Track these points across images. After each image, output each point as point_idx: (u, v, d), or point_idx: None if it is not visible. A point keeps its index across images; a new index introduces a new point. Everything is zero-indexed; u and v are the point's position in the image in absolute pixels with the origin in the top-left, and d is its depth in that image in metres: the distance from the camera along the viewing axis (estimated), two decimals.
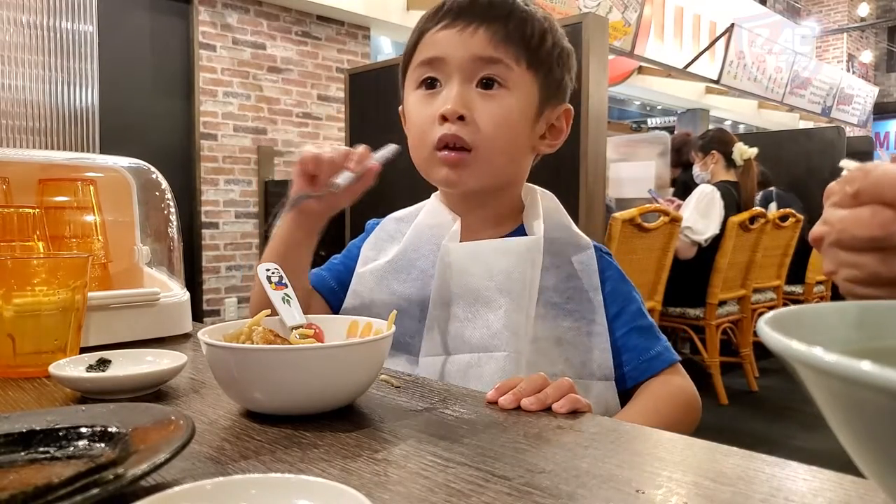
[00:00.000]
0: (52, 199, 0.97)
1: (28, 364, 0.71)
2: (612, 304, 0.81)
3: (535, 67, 0.78)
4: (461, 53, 0.75)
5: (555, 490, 0.40)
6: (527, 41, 0.77)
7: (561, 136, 0.85)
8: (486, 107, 0.75)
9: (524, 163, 0.83)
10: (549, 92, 0.80)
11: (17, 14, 3.70)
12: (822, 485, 0.41)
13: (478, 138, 0.75)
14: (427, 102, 0.78)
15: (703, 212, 3.16)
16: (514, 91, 0.76)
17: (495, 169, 0.78)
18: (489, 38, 0.75)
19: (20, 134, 3.72)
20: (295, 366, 0.53)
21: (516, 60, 0.76)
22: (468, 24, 0.75)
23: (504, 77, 0.76)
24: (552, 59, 0.79)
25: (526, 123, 0.79)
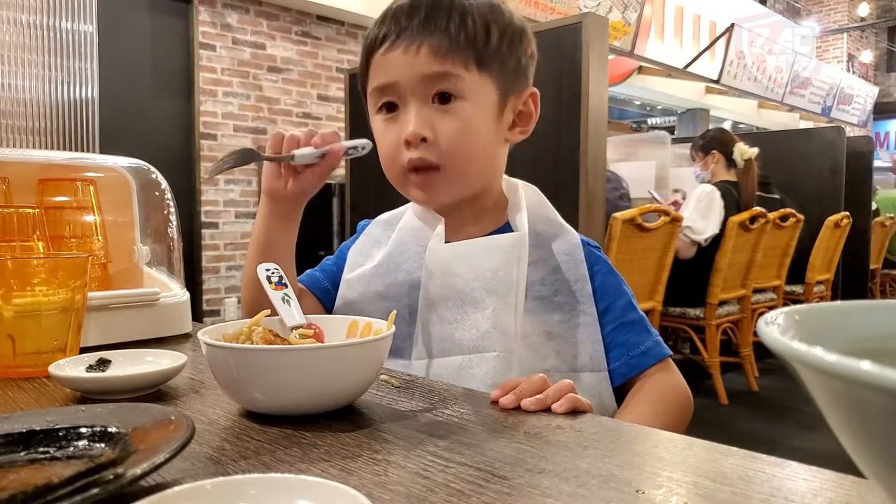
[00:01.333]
0: (52, 199, 0.97)
1: (28, 364, 0.71)
2: (601, 300, 0.80)
3: (487, 65, 0.76)
4: (410, 75, 0.74)
5: (555, 490, 0.40)
6: (472, 42, 0.75)
7: (531, 120, 0.83)
8: (445, 123, 0.75)
9: (497, 159, 0.83)
10: (507, 82, 0.79)
11: (17, 14, 3.70)
12: (822, 485, 0.41)
13: (443, 155, 0.75)
14: (389, 127, 0.78)
15: (703, 212, 3.16)
16: (471, 98, 0.76)
17: (467, 179, 0.79)
18: (433, 52, 0.74)
19: (20, 134, 3.72)
20: (295, 366, 0.53)
21: (465, 66, 0.75)
22: (411, 43, 0.74)
23: (457, 87, 0.75)
24: (503, 49, 0.77)
25: (490, 124, 0.78)
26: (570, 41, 2.07)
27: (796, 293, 4.12)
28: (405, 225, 0.85)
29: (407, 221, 0.85)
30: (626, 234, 2.64)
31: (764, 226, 3.35)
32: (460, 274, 0.77)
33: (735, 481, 0.41)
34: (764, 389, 3.47)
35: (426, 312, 0.78)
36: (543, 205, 0.86)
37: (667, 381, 0.78)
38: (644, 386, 0.77)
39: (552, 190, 0.90)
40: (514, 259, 0.77)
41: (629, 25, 6.06)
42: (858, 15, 11.77)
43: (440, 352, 0.76)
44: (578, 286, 0.80)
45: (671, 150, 4.54)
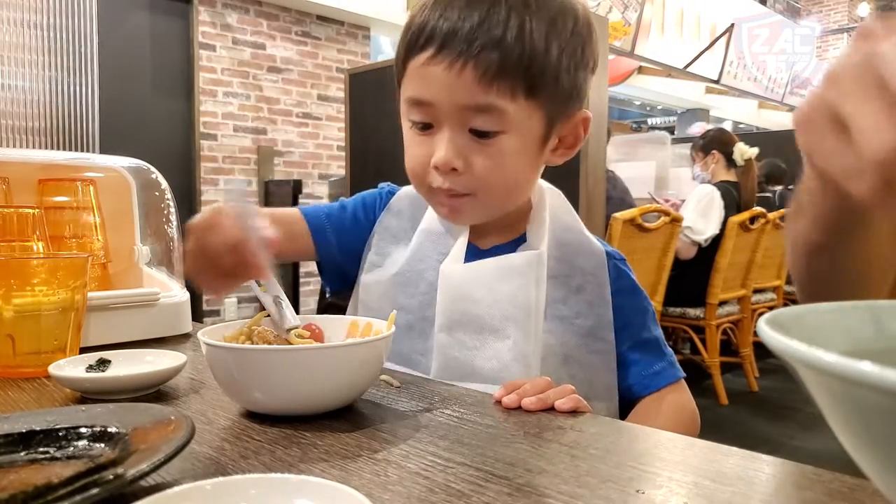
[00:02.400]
0: (52, 199, 0.97)
1: (28, 364, 0.71)
2: (619, 316, 0.77)
3: (537, 91, 0.67)
4: (449, 100, 0.67)
5: (555, 490, 0.40)
6: (524, 67, 0.65)
7: (577, 144, 0.76)
8: (480, 155, 0.68)
9: (534, 181, 0.78)
10: (559, 107, 0.71)
11: (17, 14, 3.70)
12: (821, 485, 0.41)
13: (475, 185, 0.70)
14: (420, 142, 0.71)
15: (703, 212, 3.16)
16: (513, 131, 0.68)
17: (500, 205, 0.74)
18: (478, 77, 0.65)
19: (20, 134, 3.72)
20: (295, 366, 0.53)
21: (512, 95, 0.66)
22: (455, 60, 0.65)
23: (499, 122, 0.67)
24: (560, 71, 0.68)
25: (530, 156, 0.72)
26: None
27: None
28: (426, 227, 0.80)
29: (428, 223, 0.80)
30: (627, 235, 2.64)
31: (764, 226, 3.35)
32: (478, 300, 0.73)
33: (735, 481, 0.41)
34: (764, 389, 3.47)
35: (444, 334, 0.74)
36: (568, 213, 0.81)
37: (676, 402, 0.76)
38: (651, 407, 0.75)
39: None
40: (531, 281, 0.73)
41: (629, 25, 6.06)
42: (858, 15, 11.76)
43: (460, 376, 0.72)
44: (601, 311, 0.76)
45: (671, 150, 4.54)
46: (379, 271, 0.81)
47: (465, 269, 0.75)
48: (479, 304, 0.73)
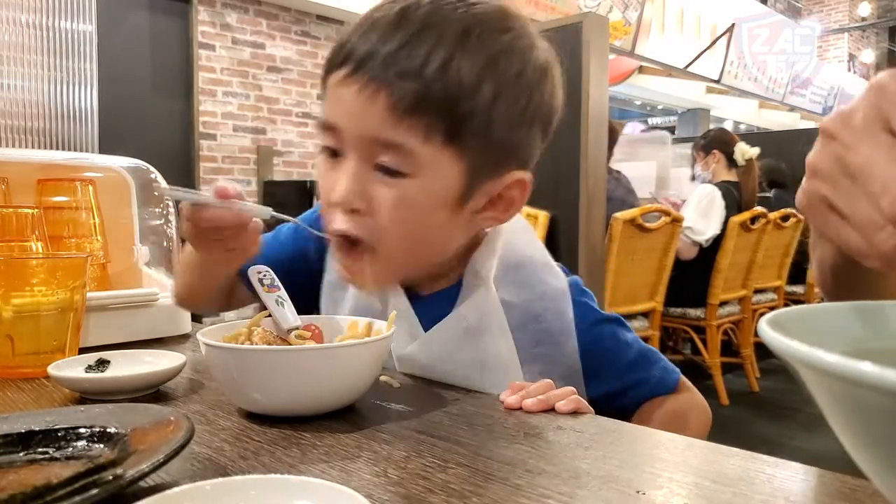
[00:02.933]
0: (51, 199, 0.97)
1: (27, 364, 0.71)
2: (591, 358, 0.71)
3: (459, 139, 0.58)
4: (356, 128, 0.59)
5: (555, 491, 0.40)
6: (447, 107, 0.57)
7: (511, 208, 0.66)
8: (383, 196, 0.59)
9: (455, 242, 0.67)
10: (486, 163, 0.61)
11: (17, 14, 3.70)
12: (822, 485, 0.41)
13: (373, 234, 0.61)
14: (328, 170, 0.63)
15: (704, 212, 3.16)
16: (422, 176, 0.59)
17: (404, 263, 0.65)
18: (390, 107, 0.56)
19: (19, 134, 3.72)
20: (295, 366, 0.53)
21: (426, 135, 0.57)
22: (367, 84, 0.57)
23: (405, 164, 0.58)
24: (492, 119, 0.59)
25: (444, 211, 0.62)
26: (570, 41, 2.07)
27: (797, 293, 4.12)
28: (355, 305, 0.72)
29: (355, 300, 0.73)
30: (627, 235, 2.64)
31: (765, 226, 3.35)
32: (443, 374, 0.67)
33: (736, 482, 0.41)
34: (765, 390, 3.47)
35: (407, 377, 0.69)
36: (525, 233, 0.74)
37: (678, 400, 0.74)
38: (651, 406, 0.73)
39: (552, 190, 0.89)
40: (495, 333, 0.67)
41: (629, 25, 6.06)
42: (859, 15, 11.77)
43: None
44: (562, 338, 0.70)
45: (672, 150, 4.54)
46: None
47: (421, 349, 0.67)
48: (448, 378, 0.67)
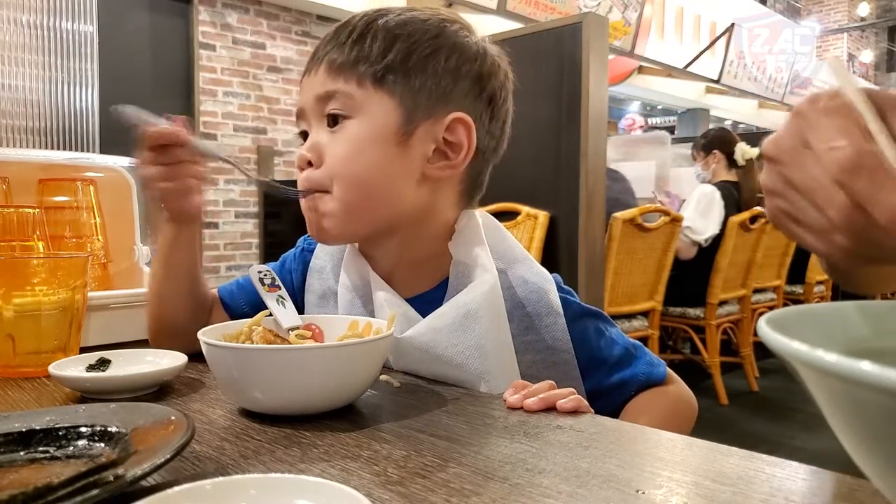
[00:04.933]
0: (52, 199, 0.97)
1: (28, 364, 0.71)
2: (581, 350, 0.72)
3: (386, 83, 0.68)
4: (308, 97, 0.71)
5: (555, 490, 0.40)
6: (367, 57, 0.68)
7: (461, 151, 0.70)
8: (332, 144, 0.69)
9: (409, 195, 0.70)
10: (418, 104, 0.68)
11: (17, 14, 3.70)
12: (822, 485, 0.41)
13: (325, 178, 0.68)
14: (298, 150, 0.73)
15: (703, 212, 3.16)
16: (360, 117, 0.68)
17: (359, 207, 0.69)
18: (326, 71, 0.69)
19: (20, 134, 3.72)
20: (295, 366, 0.53)
21: (358, 83, 0.68)
22: (314, 65, 0.71)
23: (346, 107, 0.68)
24: (410, 66, 0.68)
25: (386, 149, 0.68)
26: (570, 41, 2.07)
27: (797, 293, 4.12)
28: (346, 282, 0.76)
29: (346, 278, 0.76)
30: (627, 234, 2.64)
31: (764, 226, 3.35)
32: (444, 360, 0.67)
33: (735, 481, 0.41)
34: (764, 389, 3.47)
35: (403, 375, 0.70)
36: (497, 230, 0.76)
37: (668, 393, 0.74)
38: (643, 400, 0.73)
39: (552, 190, 0.89)
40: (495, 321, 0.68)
41: (629, 25, 6.06)
42: (858, 15, 11.77)
43: None
44: (550, 321, 0.71)
45: (671, 150, 4.54)
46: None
47: (421, 333, 0.68)
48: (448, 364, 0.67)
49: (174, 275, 0.77)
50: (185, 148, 0.70)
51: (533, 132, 2.14)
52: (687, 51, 7.15)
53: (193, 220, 0.76)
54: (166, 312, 0.77)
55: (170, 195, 0.72)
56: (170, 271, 0.77)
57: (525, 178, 2.13)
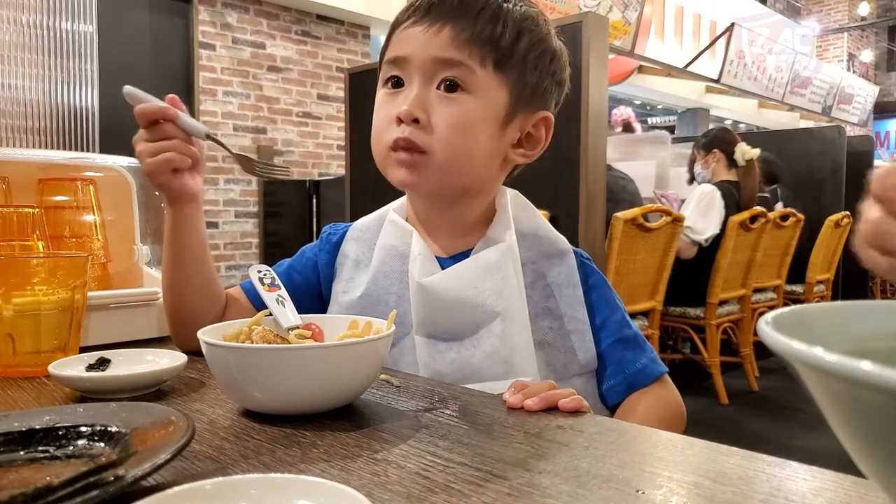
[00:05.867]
0: (52, 199, 0.97)
1: (27, 363, 0.71)
2: (598, 314, 0.79)
3: (505, 70, 0.73)
4: (423, 54, 0.72)
5: (555, 490, 0.40)
6: (495, 41, 0.72)
7: (538, 146, 0.79)
8: (443, 110, 0.72)
9: (491, 170, 0.78)
10: (523, 96, 0.75)
11: (17, 14, 3.70)
12: (822, 485, 0.41)
13: (432, 141, 0.71)
14: (389, 101, 0.75)
15: (704, 211, 3.16)
16: (477, 95, 0.72)
17: (453, 173, 0.74)
18: (453, 37, 0.71)
19: (20, 133, 3.72)
20: (295, 365, 0.53)
21: (481, 62, 0.72)
22: (434, 23, 0.72)
23: (466, 80, 0.72)
24: (527, 61, 0.74)
25: (490, 129, 0.74)
26: (570, 41, 2.06)
27: (797, 293, 4.11)
28: (385, 242, 0.80)
29: (386, 238, 0.80)
30: (628, 234, 2.64)
31: (764, 225, 3.35)
32: (466, 301, 0.73)
33: (735, 481, 0.41)
34: (764, 389, 3.47)
35: (429, 341, 0.74)
36: (528, 209, 0.83)
37: (661, 397, 0.77)
38: (639, 403, 0.75)
39: (552, 190, 0.90)
40: (511, 273, 0.74)
41: (629, 25, 6.06)
42: (859, 14, 11.77)
43: (460, 379, 0.72)
44: (570, 291, 0.77)
45: (671, 150, 4.54)
46: (346, 297, 0.80)
47: (446, 277, 0.74)
48: (468, 306, 0.73)
49: (181, 258, 0.77)
50: (174, 124, 0.73)
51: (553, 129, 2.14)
52: (687, 50, 7.16)
53: (190, 201, 0.77)
54: (178, 301, 0.78)
55: (158, 171, 0.73)
56: (176, 255, 0.77)
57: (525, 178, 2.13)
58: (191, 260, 0.78)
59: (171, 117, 0.73)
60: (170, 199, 0.76)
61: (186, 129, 0.74)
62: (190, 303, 0.78)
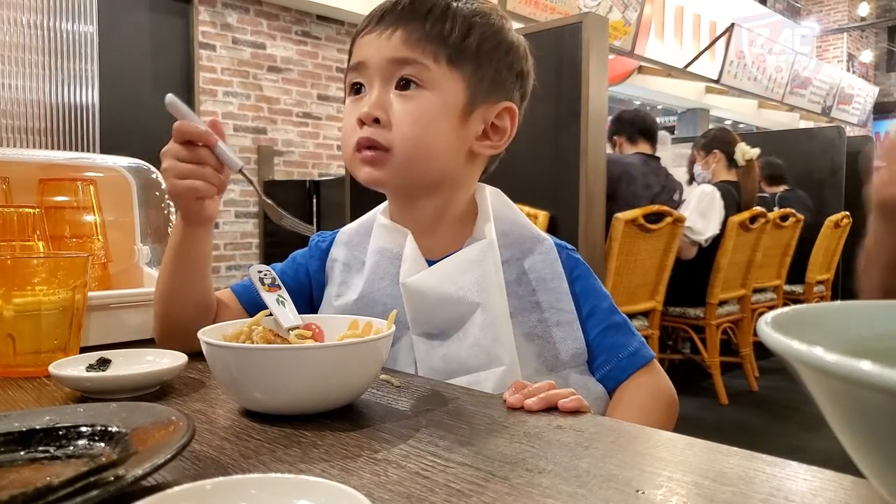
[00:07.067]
0: (53, 199, 0.97)
1: (28, 364, 0.71)
2: (585, 303, 0.80)
3: (459, 64, 0.75)
4: (378, 56, 0.75)
5: (555, 490, 0.40)
6: (445, 38, 0.74)
7: (504, 136, 0.81)
8: (401, 107, 0.74)
9: (457, 163, 0.79)
10: (481, 88, 0.77)
11: (18, 14, 3.70)
12: (822, 485, 0.41)
13: (393, 138, 0.74)
14: (353, 107, 0.77)
15: (704, 212, 3.16)
16: (434, 90, 0.74)
17: (416, 167, 0.76)
18: (405, 38, 0.74)
19: (20, 134, 3.72)
20: (295, 365, 0.53)
21: (434, 58, 0.74)
22: (387, 28, 0.75)
23: (421, 77, 0.74)
24: (480, 54, 0.76)
25: (450, 121, 0.76)
26: (570, 41, 2.07)
27: (796, 293, 4.12)
28: (378, 245, 0.81)
29: (379, 241, 0.81)
30: (628, 235, 2.64)
31: (764, 225, 3.35)
32: (447, 297, 0.75)
33: (735, 481, 0.41)
34: (764, 389, 3.47)
35: (422, 339, 0.76)
36: (509, 207, 0.84)
37: (652, 382, 0.78)
38: (630, 389, 0.77)
39: (552, 190, 0.90)
40: (490, 267, 0.76)
41: (629, 25, 6.06)
42: (858, 15, 11.77)
43: (448, 373, 0.74)
44: (555, 283, 0.79)
45: (671, 150, 4.54)
46: (341, 300, 0.81)
47: (429, 276, 0.76)
48: (450, 301, 0.75)
49: (183, 271, 0.77)
50: (210, 151, 0.71)
51: (533, 132, 2.14)
52: (687, 51, 7.15)
53: (205, 224, 0.76)
54: (174, 311, 0.78)
55: (184, 193, 0.72)
56: (178, 267, 0.77)
57: (525, 178, 2.13)
58: (193, 274, 0.77)
59: (210, 144, 0.71)
60: (185, 218, 0.75)
61: (222, 158, 0.72)
62: (185, 314, 0.77)
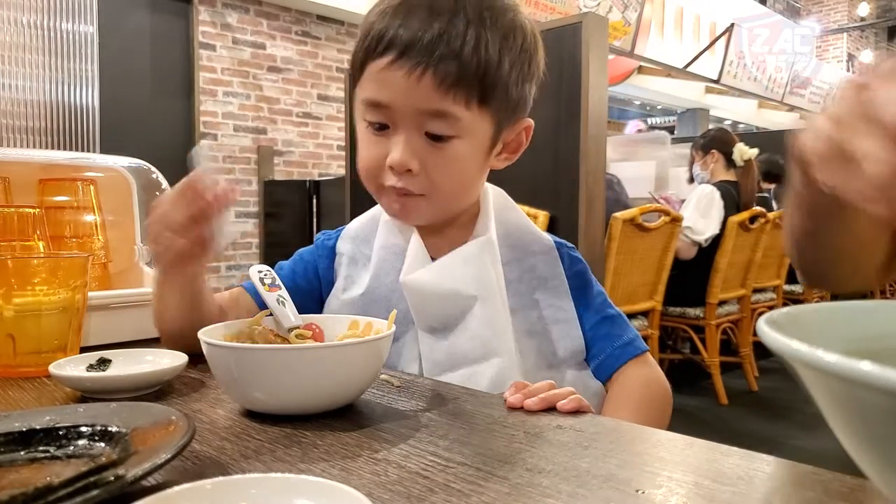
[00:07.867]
0: (53, 199, 0.97)
1: (28, 364, 0.71)
2: (581, 298, 0.81)
3: (489, 101, 0.71)
4: (406, 102, 0.69)
5: (555, 490, 0.40)
6: (481, 75, 0.69)
7: (519, 149, 0.81)
8: (435, 158, 0.71)
9: (479, 185, 0.81)
10: (506, 115, 0.75)
11: (18, 14, 3.70)
12: (821, 485, 0.41)
13: (427, 187, 0.73)
14: (376, 142, 0.73)
15: (703, 212, 3.16)
16: (466, 137, 0.72)
17: (447, 207, 0.78)
18: (436, 84, 0.67)
19: (20, 134, 3.72)
20: (295, 365, 0.53)
21: (467, 103, 0.69)
22: (414, 67, 0.67)
23: (453, 128, 0.70)
24: (510, 82, 0.72)
25: (479, 159, 0.76)
26: (570, 41, 2.07)
27: (796, 293, 4.11)
28: (384, 242, 0.81)
29: (385, 237, 0.81)
30: (627, 234, 2.64)
31: (764, 225, 3.35)
32: (447, 292, 0.76)
33: (735, 481, 0.41)
34: (764, 389, 3.47)
35: (426, 333, 0.77)
36: (510, 208, 0.85)
37: (646, 373, 0.79)
38: (625, 382, 0.78)
39: (552, 190, 0.90)
40: (488, 263, 0.77)
41: (629, 25, 6.06)
42: (858, 15, 11.76)
43: (450, 366, 0.74)
44: (555, 283, 0.80)
45: (671, 150, 4.54)
46: (347, 294, 0.81)
47: (429, 272, 0.77)
48: (450, 295, 0.76)
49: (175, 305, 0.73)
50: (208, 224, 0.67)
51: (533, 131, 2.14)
52: (687, 51, 7.14)
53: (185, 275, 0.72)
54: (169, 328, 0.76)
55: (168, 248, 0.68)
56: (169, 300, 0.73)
57: (524, 178, 2.13)
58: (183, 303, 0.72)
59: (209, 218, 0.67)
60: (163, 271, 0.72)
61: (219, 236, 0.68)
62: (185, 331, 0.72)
